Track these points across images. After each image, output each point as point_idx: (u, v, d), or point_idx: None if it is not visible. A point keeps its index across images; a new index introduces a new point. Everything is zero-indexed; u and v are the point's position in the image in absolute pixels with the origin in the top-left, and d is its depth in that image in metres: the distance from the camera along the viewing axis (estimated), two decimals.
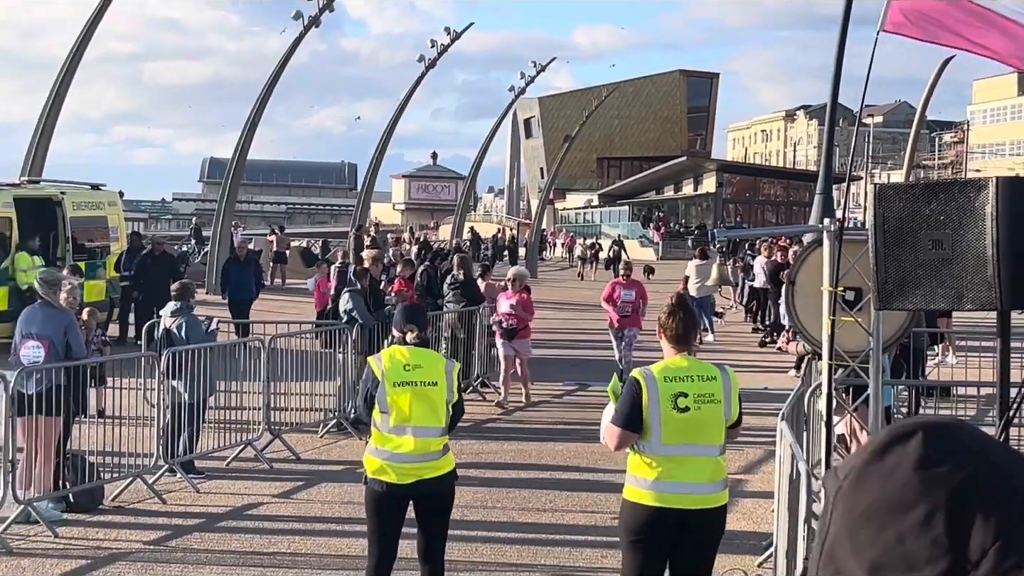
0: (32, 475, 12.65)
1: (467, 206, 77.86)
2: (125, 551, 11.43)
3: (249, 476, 14.83)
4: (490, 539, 11.98)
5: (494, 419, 19.56)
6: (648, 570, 7.66)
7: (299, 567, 11.02)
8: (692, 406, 7.55)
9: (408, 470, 8.59)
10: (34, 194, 27.57)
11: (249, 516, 12.97)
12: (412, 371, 8.70)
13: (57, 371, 12.79)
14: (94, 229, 28.16)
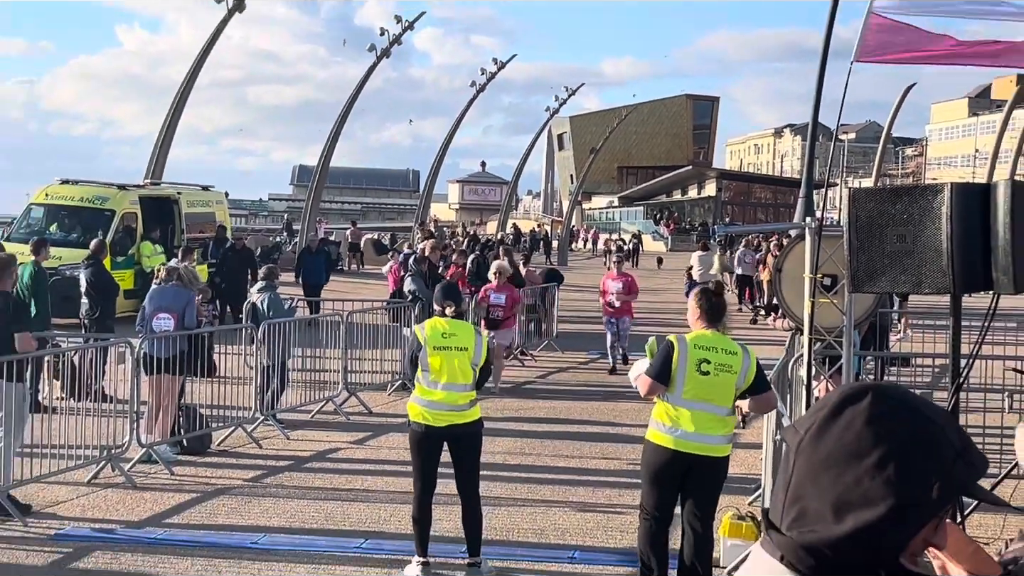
0: (154, 424, 12.74)
1: (510, 206, 77.90)
2: (228, 487, 11.47)
3: (329, 427, 14.86)
4: (527, 480, 11.96)
5: (531, 381, 19.54)
6: (662, 501, 7.86)
7: (370, 500, 11.03)
8: (712, 371, 7.77)
9: (442, 416, 8.72)
10: (155, 193, 27.70)
11: (329, 459, 12.99)
12: (448, 338, 8.83)
13: (182, 338, 12.90)
14: (204, 223, 28.28)
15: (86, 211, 24.95)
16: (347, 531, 9.96)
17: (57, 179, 26.43)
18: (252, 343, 14.71)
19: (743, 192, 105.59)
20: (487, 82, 58.19)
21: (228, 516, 10.37)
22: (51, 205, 25.54)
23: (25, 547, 9.27)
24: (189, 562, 8.93)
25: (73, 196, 25.53)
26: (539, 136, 78.60)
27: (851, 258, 6.65)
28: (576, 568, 9.08)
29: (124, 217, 24.93)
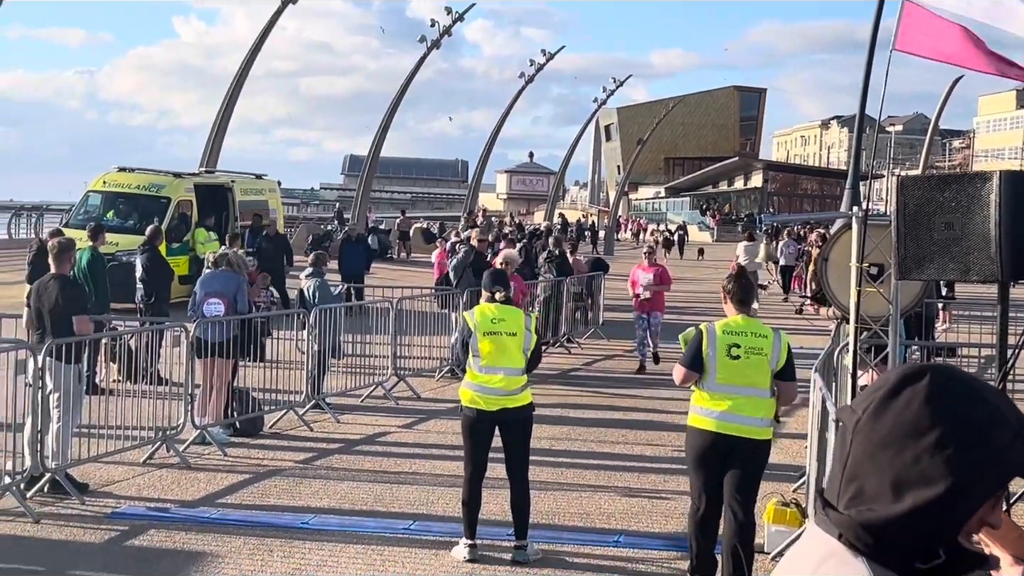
0: (208, 406, 12.84)
1: (557, 196, 77.81)
2: (280, 468, 11.55)
3: (379, 411, 14.92)
4: (573, 464, 11.97)
5: (577, 369, 19.54)
6: (707, 484, 7.89)
7: (418, 483, 11.07)
8: (742, 355, 7.83)
9: (493, 400, 8.76)
10: (210, 181, 27.91)
11: (379, 442, 13.05)
12: (498, 323, 8.87)
13: (234, 323, 13.00)
14: (257, 211, 28.45)
15: (142, 198, 25.17)
16: (396, 513, 10.00)
17: (114, 167, 26.69)
18: (303, 328, 14.82)
19: (789, 183, 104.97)
20: (535, 73, 58.15)
21: (279, 497, 10.44)
22: (108, 192, 25.79)
23: (82, 525, 9.39)
24: (242, 541, 9.00)
25: (130, 183, 25.76)
26: (586, 127, 78.55)
27: (898, 245, 6.59)
28: (621, 552, 9.07)
29: (179, 204, 25.13)
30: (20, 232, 46.40)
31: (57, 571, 8.22)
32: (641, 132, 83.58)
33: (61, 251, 11.02)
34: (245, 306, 13.44)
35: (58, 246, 11.16)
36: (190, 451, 11.83)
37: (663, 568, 8.69)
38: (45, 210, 45.05)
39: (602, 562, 8.82)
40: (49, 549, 8.74)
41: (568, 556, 8.91)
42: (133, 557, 8.57)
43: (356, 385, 15.86)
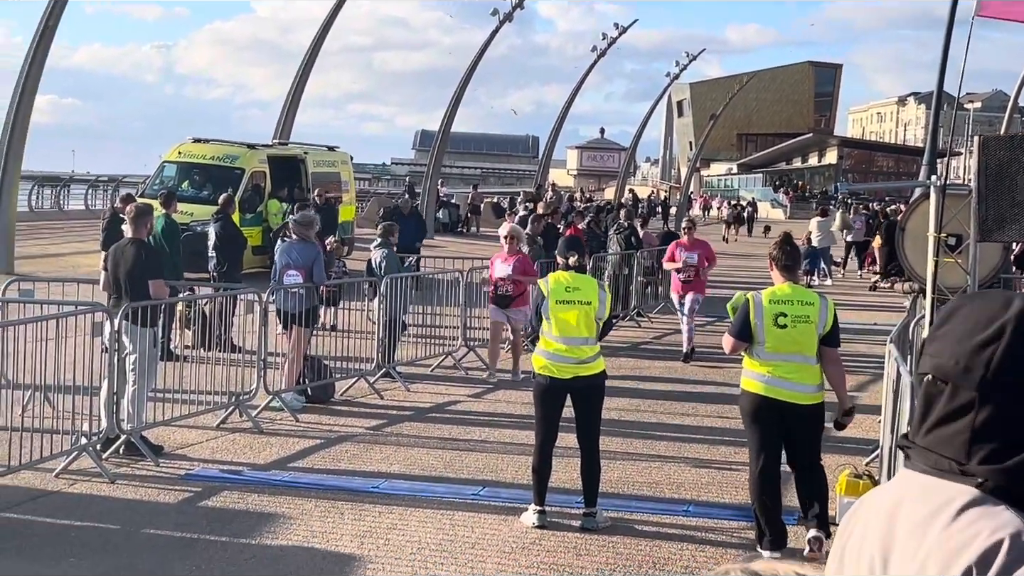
0: (282, 373, 12.98)
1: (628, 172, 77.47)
2: (350, 434, 11.65)
3: (448, 380, 15.00)
4: (643, 435, 11.94)
5: (646, 342, 19.50)
6: (764, 446, 8.04)
7: (487, 451, 11.11)
8: (789, 324, 7.98)
9: (566, 368, 8.76)
10: (283, 153, 28.10)
11: (448, 411, 13.12)
12: (572, 292, 8.85)
13: (310, 293, 13.09)
14: (330, 182, 28.60)
15: (217, 169, 25.40)
16: (465, 479, 10.05)
17: (190, 137, 26.97)
18: (373, 298, 14.93)
19: (864, 160, 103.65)
20: (607, 47, 57.80)
21: (350, 462, 10.53)
22: (183, 163, 26.05)
23: (157, 486, 9.53)
24: (313, 504, 9.09)
25: (204, 154, 26.00)
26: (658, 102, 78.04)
27: (979, 206, 6.48)
28: (690, 521, 9.05)
29: (253, 175, 25.32)
30: (96, 203, 47.12)
31: (132, 530, 8.36)
32: (714, 107, 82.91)
33: (138, 215, 11.15)
34: (322, 277, 13.51)
35: (135, 210, 11.31)
36: (262, 416, 11.96)
37: (733, 537, 8.65)
38: (121, 182, 45.63)
39: (671, 531, 8.80)
40: (124, 508, 8.88)
41: (637, 524, 8.90)
42: (206, 517, 8.69)
43: (426, 355, 15.95)
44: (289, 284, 13.19)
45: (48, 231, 35.46)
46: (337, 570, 7.66)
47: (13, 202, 25.05)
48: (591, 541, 8.46)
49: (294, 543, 8.16)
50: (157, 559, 7.72)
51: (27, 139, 24.61)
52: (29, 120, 24.57)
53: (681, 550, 8.34)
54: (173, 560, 7.71)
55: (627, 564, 8.01)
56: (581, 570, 7.87)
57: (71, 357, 10.18)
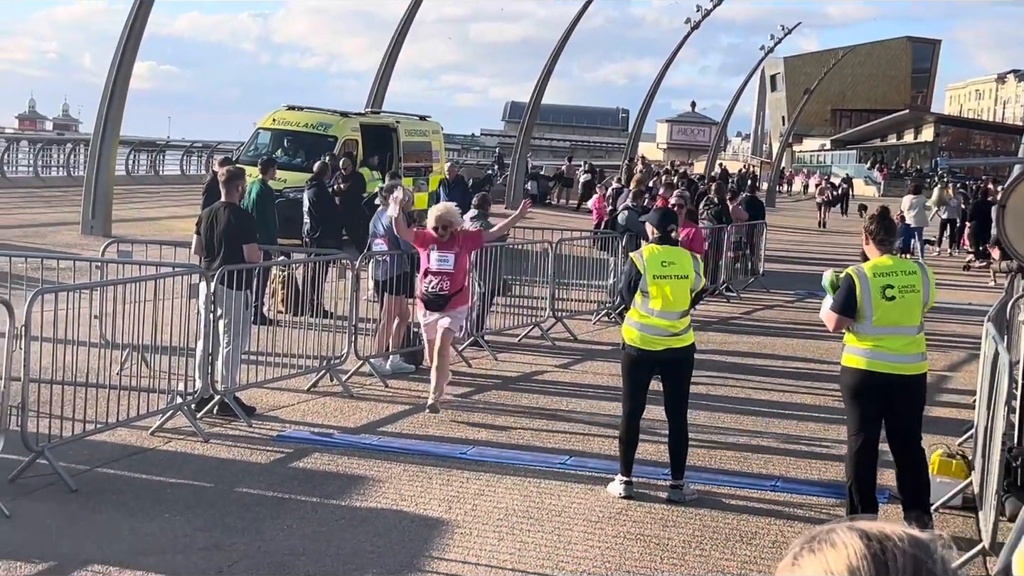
0: (380, 339, 13.11)
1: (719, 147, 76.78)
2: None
3: (536, 351, 15.03)
4: (731, 410, 11.88)
5: (736, 318, 19.35)
6: (864, 422, 7.93)
7: (574, 420, 11.13)
8: (897, 295, 7.84)
9: (658, 340, 8.73)
10: (375, 122, 28.26)
11: (535, 381, 13.15)
12: (668, 266, 8.78)
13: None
14: (421, 152, 28.73)
15: (310, 136, 25.61)
16: (552, 448, 10.08)
17: (284, 105, 27.23)
18: None
19: (961, 138, 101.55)
20: (702, 19, 57.18)
21: (438, 428, 10.61)
22: (277, 130, 26.31)
23: (249, 446, 9.70)
24: (401, 468, 9.19)
25: (298, 122, 26.24)
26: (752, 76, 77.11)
27: None
28: (779, 496, 8.99)
29: (345, 143, 25.50)
30: (191, 169, 47.86)
31: (225, 488, 8.51)
32: (808, 82, 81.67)
33: (230, 179, 11.30)
34: (407, 245, 13.59)
35: (227, 174, 11.45)
36: (352, 381, 12.08)
37: (821, 513, 8.57)
38: (215, 148, 46.24)
39: (759, 505, 8.75)
40: (217, 467, 9.05)
41: (724, 498, 8.87)
42: (297, 478, 8.82)
43: (514, 325, 15.99)
44: (376, 252, 13.29)
45: (144, 195, 36.15)
46: (426, 534, 7.74)
47: (111, 166, 25.51)
48: (678, 513, 8.45)
49: (383, 506, 8.26)
50: (249, 518, 7.85)
51: (125, 105, 25.02)
52: (128, 86, 24.96)
53: (769, 524, 8.29)
54: (264, 519, 7.84)
55: (714, 537, 7.99)
56: (668, 541, 7.86)
57: (167, 318, 10.38)
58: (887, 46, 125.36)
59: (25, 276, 11.74)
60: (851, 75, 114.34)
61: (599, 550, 7.61)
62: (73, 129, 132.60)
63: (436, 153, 29.76)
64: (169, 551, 7.16)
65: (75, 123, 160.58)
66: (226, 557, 7.09)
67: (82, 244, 21.50)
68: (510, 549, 7.53)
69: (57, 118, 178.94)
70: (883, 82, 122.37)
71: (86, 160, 30.73)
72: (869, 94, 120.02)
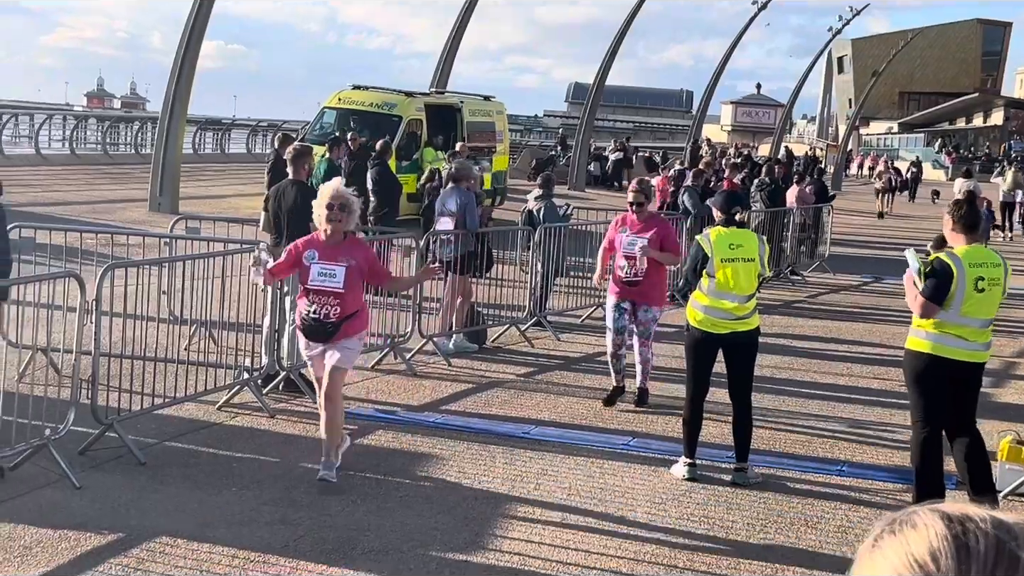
0: (445, 318, 13.15)
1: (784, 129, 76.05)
2: (501, 380, 11.75)
3: (598, 331, 14.96)
4: (795, 394, 11.79)
5: (800, 300, 19.19)
6: (933, 404, 7.90)
7: None
8: (986, 287, 7.79)
9: (723, 324, 8.68)
10: (439, 101, 28.26)
11: (598, 361, 13.10)
12: (735, 249, 8.73)
13: (466, 239, 13.19)
14: (484, 132, 28.71)
15: (374, 116, 25.66)
16: (615, 429, 10.06)
17: (350, 84, 27.34)
18: (527, 248, 14.98)
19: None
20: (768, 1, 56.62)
21: (501, 407, 10.63)
22: (342, 109, 26.39)
23: (314, 422, 9.72)
24: (464, 445, 9.22)
25: (363, 101, 26.32)
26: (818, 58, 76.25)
27: None
28: (844, 481, 8.91)
29: (410, 123, 25.53)
30: (256, 148, 48.22)
31: (291, 463, 8.58)
32: (876, 64, 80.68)
33: (297, 156, 11.34)
34: (475, 224, 13.61)
35: (294, 151, 11.49)
36: (416, 359, 12.13)
37: (888, 499, 8.50)
38: (280, 128, 46.57)
39: (824, 489, 8.68)
40: (283, 443, 9.13)
41: (789, 482, 8.81)
42: (363, 454, 8.87)
43: (576, 305, 15.96)
44: (441, 231, 13.32)
45: (210, 173, 36.47)
46: (489, 512, 7.76)
47: (179, 144, 25.76)
48: (742, 496, 8.41)
49: (446, 483, 8.29)
50: (314, 493, 7.91)
51: (193, 83, 25.23)
52: (196, 65, 25.16)
53: (835, 509, 8.23)
54: (329, 495, 7.89)
55: (779, 521, 7.93)
56: (732, 524, 7.83)
57: (234, 294, 10.47)
58: (957, 28, 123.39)
59: (95, 252, 11.86)
60: (920, 57, 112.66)
61: (662, 531, 7.59)
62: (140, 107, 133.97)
63: (500, 133, 29.73)
64: (236, 524, 7.23)
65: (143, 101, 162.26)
66: (292, 531, 7.16)
67: (150, 221, 21.73)
68: (573, 529, 7.53)
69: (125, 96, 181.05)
70: (952, 65, 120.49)
71: (154, 138, 31.10)
72: (938, 77, 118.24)
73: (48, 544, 6.72)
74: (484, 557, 6.95)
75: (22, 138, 42.63)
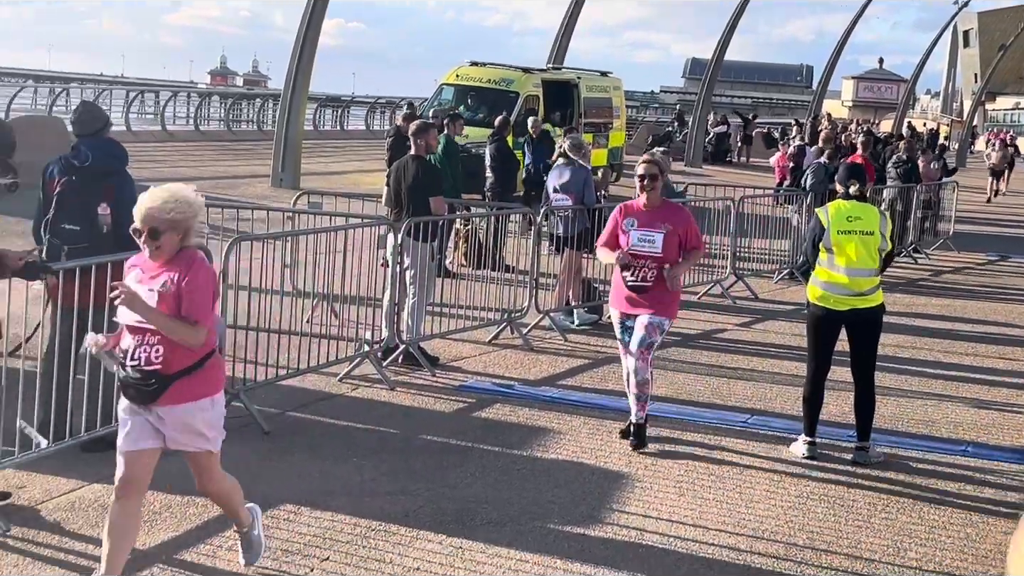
0: (560, 293, 13.17)
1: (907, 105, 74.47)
2: (617, 356, 11.64)
3: (715, 308, 14.87)
4: (918, 373, 11.56)
5: (923, 279, 18.81)
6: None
7: (755, 380, 11.00)
8: None
9: (844, 300, 8.48)
10: (557, 78, 28.21)
11: (716, 338, 13.02)
12: (853, 222, 8.52)
13: (582, 216, 13.16)
14: (601, 108, 28.59)
15: (492, 92, 25.72)
16: (732, 406, 9.99)
17: (467, 61, 27.43)
18: None
19: None
20: None
21: (617, 382, 10.55)
22: (460, 86, 26.50)
23: (433, 395, 9.86)
24: (581, 421, 9.22)
25: (481, 77, 26.38)
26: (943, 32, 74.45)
27: None
28: (969, 462, 8.72)
29: (527, 99, 25.53)
30: (375, 124, 48.70)
31: (410, 435, 8.68)
32: (1004, 38, 78.43)
33: (418, 132, 11.40)
34: (592, 199, 13.56)
35: (416, 127, 11.56)
36: (532, 334, 12.16)
37: (1014, 480, 8.31)
38: (398, 104, 46.93)
39: (948, 470, 8.51)
40: (403, 414, 9.23)
41: (912, 462, 8.65)
42: (481, 427, 8.93)
43: (694, 282, 15.83)
44: (557, 206, 13.31)
45: (330, 149, 36.92)
46: (606, 486, 7.76)
47: (300, 120, 26.13)
48: (863, 475, 8.28)
49: (564, 458, 8.31)
50: (433, 464, 7.99)
51: (314, 61, 25.55)
52: (317, 43, 25.47)
53: (959, 490, 8.05)
54: (448, 466, 7.97)
55: (900, 500, 7.80)
56: (853, 502, 7.72)
57: (355, 268, 10.60)
58: None
59: (221, 226, 12.11)
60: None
61: (781, 508, 7.52)
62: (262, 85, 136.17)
63: (616, 109, 29.60)
64: (356, 494, 7.34)
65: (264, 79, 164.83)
66: (412, 502, 7.24)
67: (272, 196, 22.10)
68: (690, 505, 7.49)
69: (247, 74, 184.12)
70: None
71: (275, 115, 31.56)
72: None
73: (176, 509, 6.90)
74: (602, 531, 6.96)
75: (148, 115, 43.67)
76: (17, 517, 6.61)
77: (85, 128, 8.08)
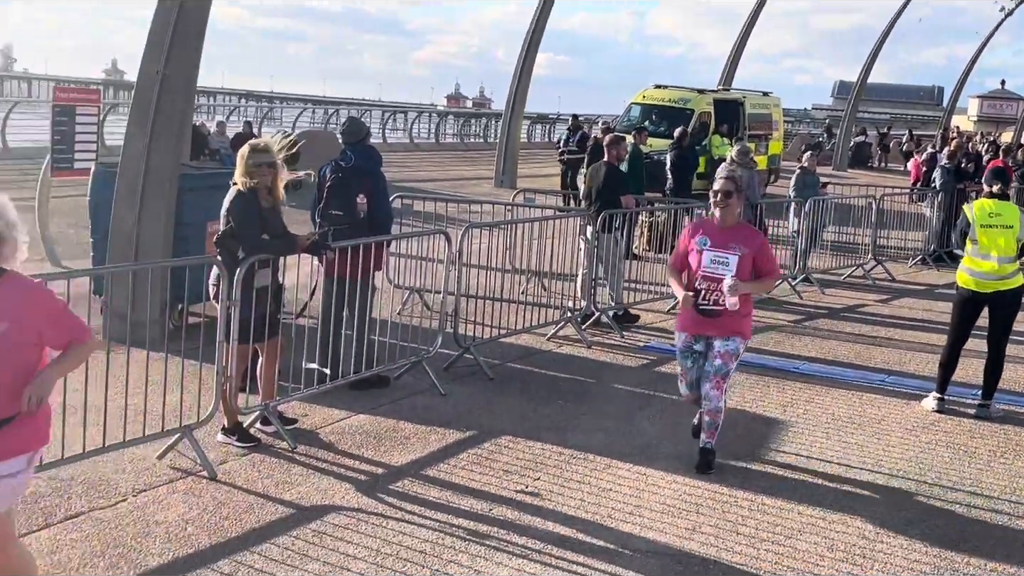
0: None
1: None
2: (773, 325, 11.37)
3: (858, 288, 14.32)
4: None
5: None
6: None
7: (892, 346, 10.55)
8: None
9: (987, 284, 8.11)
10: (726, 97, 27.60)
11: (857, 312, 12.54)
12: (994, 217, 8.16)
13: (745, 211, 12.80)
14: (762, 122, 27.87)
15: (672, 110, 25.35)
16: (872, 368, 9.63)
17: (652, 84, 27.12)
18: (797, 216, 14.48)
19: None
20: (1015, 7, 52.13)
21: (775, 346, 10.36)
22: (646, 104, 26.22)
23: (622, 352, 9.82)
24: (744, 376, 8.97)
25: (663, 97, 26.05)
26: None
27: None
28: None
29: (701, 115, 25.08)
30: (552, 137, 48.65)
31: (604, 383, 8.67)
32: None
33: (611, 143, 11.33)
34: (756, 197, 13.25)
35: (609, 139, 11.50)
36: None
37: None
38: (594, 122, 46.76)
39: None
40: (597, 367, 9.22)
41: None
42: (660, 380, 8.84)
43: (838, 265, 15.32)
44: None
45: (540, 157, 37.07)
46: (764, 430, 7.60)
47: (517, 135, 26.34)
48: (984, 427, 7.89)
49: (729, 405, 8.10)
50: (623, 408, 7.97)
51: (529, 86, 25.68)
52: (532, 73, 25.60)
53: None
54: (634, 409, 7.94)
55: (1017, 448, 7.40)
56: (975, 450, 7.36)
57: (560, 251, 10.64)
58: None
59: (456, 217, 12.33)
60: None
61: (913, 453, 7.22)
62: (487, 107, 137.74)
63: (775, 123, 28.78)
64: (561, 429, 7.38)
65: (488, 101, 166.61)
66: (605, 436, 7.25)
67: (496, 193, 22.36)
68: (836, 447, 7.27)
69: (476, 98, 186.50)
70: None
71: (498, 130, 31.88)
72: None
73: (421, 436, 7.07)
74: (761, 466, 6.84)
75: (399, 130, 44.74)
76: (302, 438, 6.90)
77: (351, 137, 8.32)
